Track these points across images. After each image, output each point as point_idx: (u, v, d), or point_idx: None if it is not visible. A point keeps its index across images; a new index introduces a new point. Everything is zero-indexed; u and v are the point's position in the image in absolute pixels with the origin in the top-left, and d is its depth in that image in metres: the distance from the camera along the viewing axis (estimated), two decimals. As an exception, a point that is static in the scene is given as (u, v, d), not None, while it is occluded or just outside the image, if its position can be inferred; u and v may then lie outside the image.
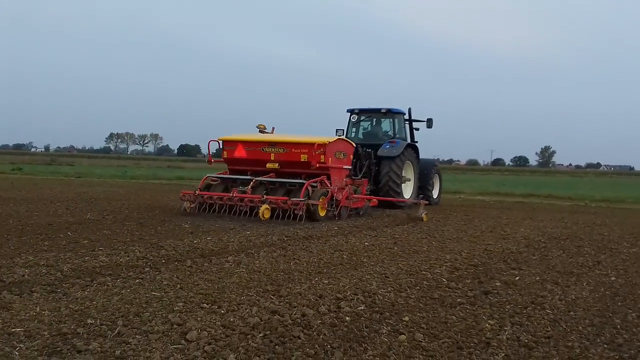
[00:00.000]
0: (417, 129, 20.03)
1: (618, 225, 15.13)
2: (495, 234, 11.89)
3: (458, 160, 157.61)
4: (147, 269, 6.95)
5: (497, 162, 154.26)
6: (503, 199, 26.33)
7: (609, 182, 58.56)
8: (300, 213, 12.45)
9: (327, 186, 13.69)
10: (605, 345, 4.85)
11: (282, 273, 7.05)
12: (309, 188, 13.13)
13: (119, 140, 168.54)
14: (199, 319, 4.96)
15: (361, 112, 19.26)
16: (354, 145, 15.76)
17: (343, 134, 18.43)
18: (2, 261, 6.96)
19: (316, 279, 6.79)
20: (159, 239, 9.30)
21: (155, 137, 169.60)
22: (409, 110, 19.60)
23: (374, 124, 19.73)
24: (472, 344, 4.69)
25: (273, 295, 5.88)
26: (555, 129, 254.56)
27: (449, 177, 39.70)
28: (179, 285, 6.17)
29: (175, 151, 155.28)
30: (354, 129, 19.43)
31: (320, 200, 13.10)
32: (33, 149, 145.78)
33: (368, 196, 16.02)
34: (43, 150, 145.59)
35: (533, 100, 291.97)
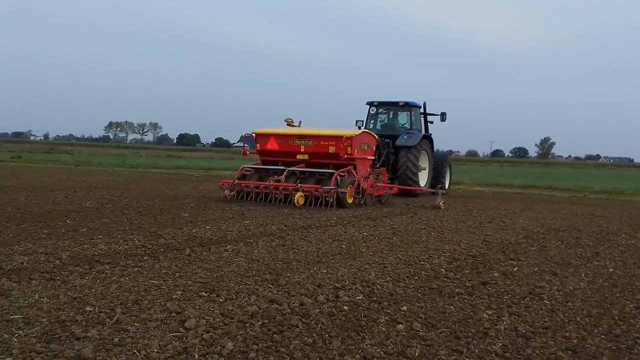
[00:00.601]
0: (432, 122, 20.76)
1: (617, 216, 15.15)
2: (494, 225, 11.90)
3: (457, 151, 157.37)
4: (145, 258, 6.95)
5: (497, 153, 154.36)
6: (502, 190, 26.33)
7: (608, 173, 58.58)
8: (331, 200, 13.55)
9: (354, 175, 14.65)
10: (603, 336, 4.86)
11: (280, 262, 7.06)
12: (338, 177, 14.09)
13: (118, 129, 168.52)
14: (197, 307, 4.97)
15: (380, 104, 20.27)
16: (376, 137, 16.60)
17: (363, 125, 19.64)
18: (1, 249, 6.96)
19: (315, 268, 6.80)
20: (158, 227, 9.30)
21: (154, 126, 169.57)
22: (424, 104, 20.35)
23: (392, 116, 20.68)
24: (469, 334, 4.70)
25: (271, 284, 5.89)
26: (555, 120, 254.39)
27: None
28: (177, 274, 6.18)
29: (175, 140, 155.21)
30: (372, 121, 20.33)
31: (348, 188, 14.15)
32: (32, 137, 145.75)
33: (390, 185, 16.96)
34: (42, 138, 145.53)
35: (533, 91, 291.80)
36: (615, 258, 8.63)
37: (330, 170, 14.35)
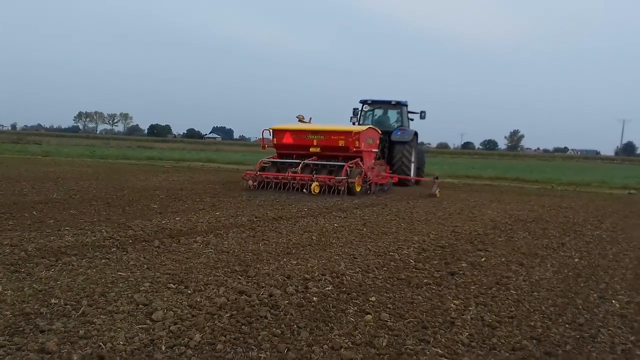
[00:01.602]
0: (412, 120, 22.47)
1: (583, 208, 15.41)
2: (463, 216, 12.03)
3: (428, 143, 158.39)
4: (113, 249, 6.88)
5: (467, 145, 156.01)
6: (472, 181, 26.62)
7: (576, 166, 59.63)
8: (342, 188, 15.45)
9: (361, 167, 16.54)
10: (567, 325, 4.94)
11: (250, 254, 7.04)
12: (348, 169, 15.93)
13: (87, 120, 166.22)
14: (165, 299, 4.94)
15: (373, 102, 22.16)
16: (380, 132, 18.61)
17: (356, 122, 21.66)
18: (-36, 240, 6.83)
19: (284, 259, 6.79)
20: (127, 219, 9.20)
21: (125, 116, 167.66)
22: (406, 102, 22.21)
23: (383, 113, 22.61)
24: (437, 324, 4.75)
25: (241, 276, 5.87)
26: (525, 113, 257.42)
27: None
28: (145, 266, 6.12)
29: (146, 131, 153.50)
30: (367, 117, 22.31)
31: (357, 178, 16.00)
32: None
33: (392, 175, 19.46)
34: (10, 128, 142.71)
35: (503, 85, 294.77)
36: (580, 249, 8.79)
37: (341, 163, 16.23)
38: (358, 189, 16.04)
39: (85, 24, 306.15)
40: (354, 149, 16.58)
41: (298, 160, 16.59)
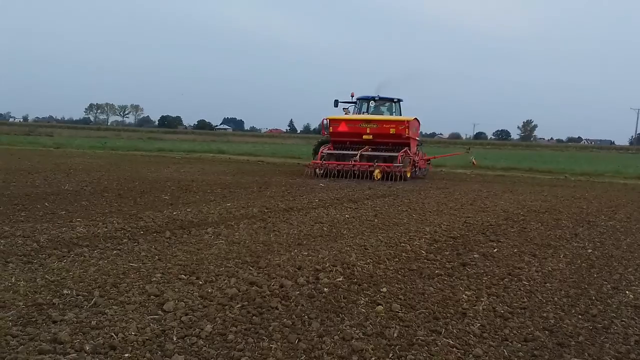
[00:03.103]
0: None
1: (597, 198, 15.30)
2: (475, 207, 11.97)
3: (441, 134, 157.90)
4: (125, 240, 6.90)
5: (480, 135, 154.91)
6: (484, 172, 26.47)
7: (590, 156, 59.19)
8: (400, 174, 18.00)
9: (409, 154, 18.98)
10: (580, 316, 4.91)
11: (261, 245, 7.04)
12: (401, 157, 18.37)
13: (98, 111, 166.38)
14: (176, 289, 4.95)
15: (381, 99, 23.53)
16: (420, 123, 20.79)
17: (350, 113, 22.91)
18: (-23, 232, 6.87)
19: (295, 250, 6.79)
20: (138, 210, 9.24)
21: (135, 108, 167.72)
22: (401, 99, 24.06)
23: (387, 108, 23.89)
24: (448, 315, 4.73)
25: (252, 267, 5.87)
26: (538, 103, 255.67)
27: (432, 151, 39.79)
28: (157, 257, 6.14)
29: (156, 122, 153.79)
30: (371, 111, 23.70)
31: (408, 166, 18.73)
32: (11, 119, 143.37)
33: (431, 157, 22.83)
34: (21, 120, 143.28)
35: (517, 74, 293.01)
36: (594, 239, 8.72)
37: (394, 154, 18.65)
38: (409, 174, 18.76)
39: (95, 16, 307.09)
40: (405, 137, 19.02)
41: (354, 152, 18.88)
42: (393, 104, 23.55)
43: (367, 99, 23.37)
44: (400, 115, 22.78)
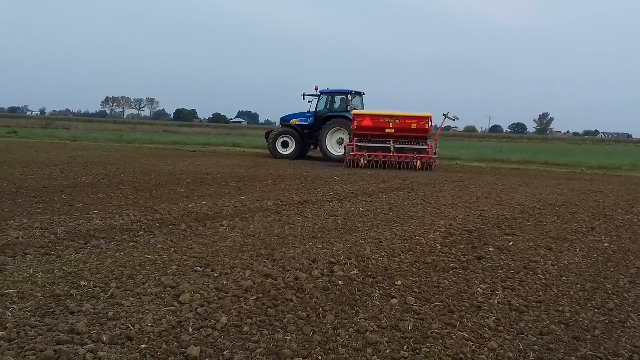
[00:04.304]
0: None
1: (613, 192, 15.15)
2: (491, 201, 11.90)
3: (456, 127, 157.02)
4: (141, 233, 6.96)
5: (495, 129, 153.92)
6: (500, 165, 26.31)
7: (607, 149, 58.57)
8: (435, 164, 20.56)
9: (431, 147, 21.09)
10: (596, 310, 4.89)
11: (276, 237, 7.06)
12: (430, 149, 20.91)
13: (115, 105, 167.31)
14: (192, 282, 4.98)
15: (356, 93, 24.91)
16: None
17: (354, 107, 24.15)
18: (-4, 224, 6.95)
19: (310, 243, 6.80)
20: (154, 203, 9.30)
21: (151, 101, 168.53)
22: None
23: (352, 101, 24.90)
24: (463, 308, 4.73)
25: (267, 259, 5.89)
26: (554, 96, 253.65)
27: (446, 144, 39.64)
28: (173, 249, 6.19)
29: (172, 116, 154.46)
30: (326, 105, 24.91)
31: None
32: (29, 113, 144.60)
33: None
34: (39, 113, 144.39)
35: (533, 67, 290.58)
36: (610, 233, 8.65)
37: (424, 147, 21.03)
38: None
39: (112, 8, 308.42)
40: (424, 131, 21.33)
41: (388, 146, 20.86)
42: (359, 96, 24.97)
43: (330, 93, 24.60)
44: (363, 107, 24.53)
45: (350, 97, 24.53)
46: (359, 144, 20.95)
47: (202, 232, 7.22)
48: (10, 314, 4.03)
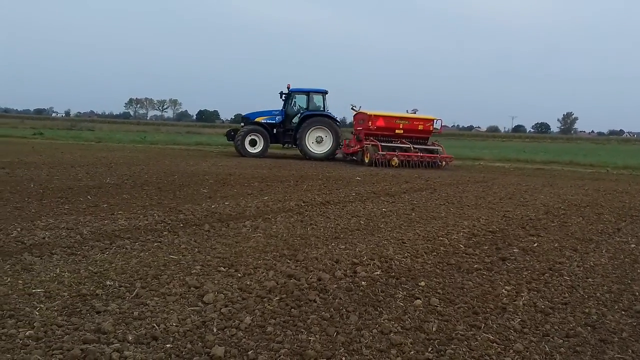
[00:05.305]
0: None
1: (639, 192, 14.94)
2: (514, 201, 11.80)
3: (478, 127, 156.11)
4: (165, 233, 7.01)
5: (518, 128, 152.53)
6: (523, 165, 26.09)
7: (632, 149, 57.68)
8: (449, 162, 22.38)
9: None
10: (623, 312, 4.82)
11: (298, 238, 7.07)
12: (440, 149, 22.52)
13: (138, 106, 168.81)
14: (216, 282, 5.01)
15: (325, 92, 25.60)
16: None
17: (359, 109, 24.72)
18: (23, 224, 7.06)
19: (333, 244, 6.80)
20: (178, 203, 9.36)
21: (174, 102, 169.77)
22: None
23: (317, 99, 25.58)
24: (488, 309, 4.69)
25: (289, 260, 5.91)
26: (578, 95, 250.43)
27: (469, 144, 39.37)
28: (196, 249, 6.22)
29: (194, 117, 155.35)
30: (292, 103, 25.49)
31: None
32: (54, 114, 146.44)
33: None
34: (64, 115, 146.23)
35: (556, 65, 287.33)
36: (637, 234, 8.52)
37: (437, 147, 22.61)
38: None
39: (136, 10, 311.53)
40: (429, 132, 22.99)
41: (408, 146, 22.02)
42: (322, 95, 25.49)
43: (297, 92, 25.37)
44: (325, 104, 25.33)
45: (324, 96, 25.39)
46: (381, 144, 21.59)
47: (225, 232, 7.25)
48: (37, 313, 4.09)
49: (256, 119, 25.09)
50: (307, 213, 9.01)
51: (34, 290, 4.56)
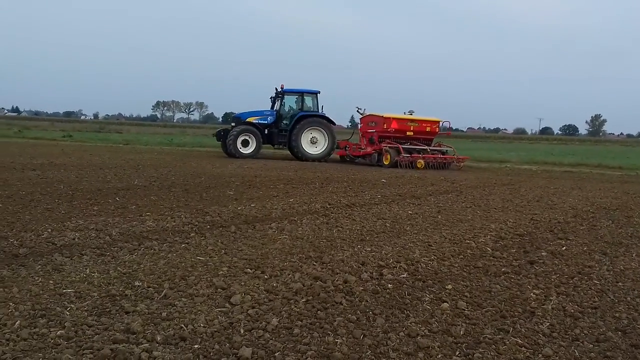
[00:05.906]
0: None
1: (671, 195, 14.65)
2: (542, 204, 11.67)
3: (505, 129, 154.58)
4: (192, 234, 7.07)
5: (546, 130, 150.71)
6: (551, 168, 25.78)
7: (663, 151, 56.63)
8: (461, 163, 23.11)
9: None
10: (655, 317, 4.73)
11: (324, 240, 7.08)
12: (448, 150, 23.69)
13: (165, 109, 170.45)
14: (242, 283, 5.04)
15: (318, 92, 25.74)
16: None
17: (364, 111, 25.64)
18: (53, 225, 7.17)
19: (359, 246, 6.79)
20: (204, 205, 9.43)
21: (200, 105, 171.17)
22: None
23: (310, 99, 25.91)
24: (516, 313, 4.65)
25: (315, 262, 5.91)
26: (607, 97, 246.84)
27: (496, 146, 39.04)
28: (223, 251, 6.26)
29: (220, 119, 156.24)
30: (284, 103, 25.80)
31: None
32: (83, 117, 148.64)
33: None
34: (92, 118, 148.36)
35: (584, 67, 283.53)
36: (669, 238, 8.36)
37: (448, 147, 23.67)
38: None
39: (161, 17, 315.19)
40: (435, 134, 24.16)
41: (424, 147, 22.80)
42: (315, 96, 25.71)
43: (290, 92, 25.60)
44: (318, 104, 25.61)
45: (316, 97, 25.65)
46: (403, 147, 22.35)
47: (251, 234, 7.29)
48: (68, 313, 4.15)
49: (248, 119, 24.98)
50: (333, 215, 9.01)
51: (64, 291, 4.64)
